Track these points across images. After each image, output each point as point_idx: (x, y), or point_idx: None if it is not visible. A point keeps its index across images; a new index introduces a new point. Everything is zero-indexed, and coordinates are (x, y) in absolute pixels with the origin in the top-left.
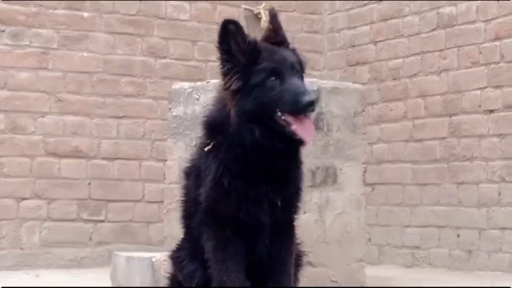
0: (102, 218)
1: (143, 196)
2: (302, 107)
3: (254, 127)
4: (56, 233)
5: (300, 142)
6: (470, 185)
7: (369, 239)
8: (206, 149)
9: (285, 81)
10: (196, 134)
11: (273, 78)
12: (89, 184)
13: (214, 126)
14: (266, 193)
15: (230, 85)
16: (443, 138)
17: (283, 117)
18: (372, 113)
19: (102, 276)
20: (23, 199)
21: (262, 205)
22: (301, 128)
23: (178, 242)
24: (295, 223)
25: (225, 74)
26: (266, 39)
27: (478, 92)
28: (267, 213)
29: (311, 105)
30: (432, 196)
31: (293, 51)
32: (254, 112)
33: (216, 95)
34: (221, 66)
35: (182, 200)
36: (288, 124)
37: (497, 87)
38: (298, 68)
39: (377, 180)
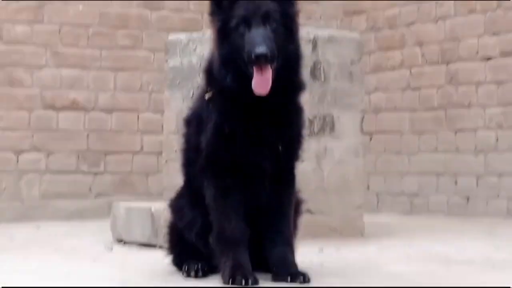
0: (101, 170)
1: (142, 147)
2: (252, 59)
3: (228, 72)
4: (55, 185)
5: (284, 90)
6: (467, 132)
7: (368, 187)
8: (206, 96)
9: (251, 31)
10: (193, 84)
11: (243, 25)
12: (87, 136)
13: (212, 73)
14: (267, 139)
15: (213, 27)
16: (440, 86)
17: (249, 66)
18: (369, 62)
19: (102, 227)
20: (22, 152)
21: (263, 152)
22: (256, 79)
23: (178, 190)
24: (295, 171)
25: (210, 15)
26: None
27: (475, 39)
28: (268, 160)
29: (259, 57)
30: (429, 143)
31: (277, 0)
32: (230, 57)
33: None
34: (208, 8)
35: (182, 149)
36: (251, 73)
37: (494, 34)
38: (276, 18)
39: (375, 128)
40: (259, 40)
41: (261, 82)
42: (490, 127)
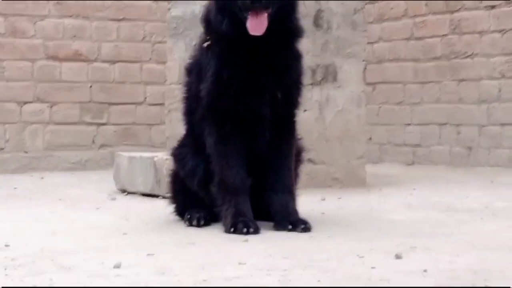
0: (104, 121)
1: (145, 98)
2: (247, 4)
3: (224, 18)
4: (59, 136)
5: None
6: (470, 82)
7: (370, 138)
8: (205, 44)
9: None
10: (196, 33)
11: None
12: (90, 87)
13: (210, 21)
14: (265, 85)
15: None
16: (444, 35)
17: (244, 12)
18: (373, 12)
19: (106, 177)
20: (25, 103)
21: (262, 98)
22: (251, 21)
23: (180, 139)
24: (295, 119)
25: None
26: None
27: None
28: (267, 106)
29: (254, 2)
30: (432, 93)
31: None
32: (226, 3)
33: None
34: None
35: (184, 97)
36: (246, 18)
37: None
38: None
39: (378, 79)
40: None
41: (256, 24)
42: (494, 77)
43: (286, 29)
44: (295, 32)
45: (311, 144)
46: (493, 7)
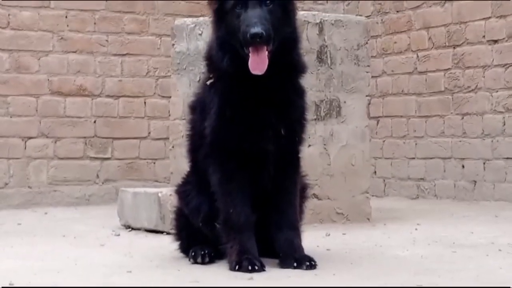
0: (108, 155)
1: (149, 133)
2: (247, 39)
3: (225, 55)
4: (63, 171)
5: (284, 70)
6: (474, 116)
7: (375, 172)
8: (208, 82)
9: (247, 11)
10: (199, 69)
11: (239, 6)
12: (94, 122)
13: (213, 58)
14: (269, 121)
15: (211, 9)
16: (447, 69)
17: (245, 47)
18: (376, 46)
19: (110, 212)
20: (30, 138)
21: (266, 134)
22: (252, 59)
23: (184, 176)
24: (300, 155)
25: None
26: None
27: (482, 22)
28: (271, 143)
29: (254, 37)
30: (436, 127)
31: None
32: (226, 39)
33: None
34: None
35: (188, 134)
36: (247, 54)
37: (501, 17)
38: None
39: (382, 113)
40: (254, 20)
41: (257, 62)
42: (497, 111)
43: (288, 65)
44: (298, 68)
45: (316, 179)
46: (495, 41)
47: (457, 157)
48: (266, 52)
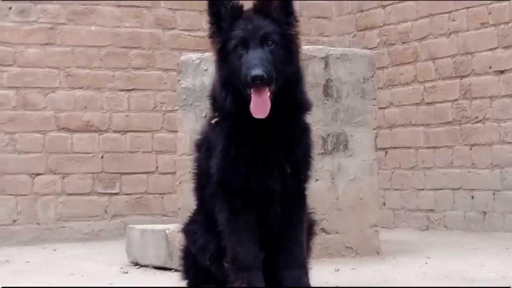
0: (116, 191)
1: (157, 167)
2: (248, 81)
3: (228, 95)
4: (71, 207)
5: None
6: (483, 147)
7: (384, 203)
8: (213, 121)
9: (248, 52)
10: (205, 105)
11: (241, 46)
12: (102, 157)
13: (216, 97)
14: (274, 160)
15: (213, 49)
16: (454, 100)
17: (247, 89)
18: (383, 78)
19: (118, 248)
20: (38, 174)
21: (272, 173)
22: (254, 102)
23: (191, 214)
24: (306, 192)
25: (210, 37)
26: (255, 7)
27: (489, 53)
28: (277, 181)
29: (255, 79)
30: (445, 158)
31: (276, 21)
32: (229, 79)
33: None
34: (208, 29)
35: (194, 173)
36: (249, 96)
37: (507, 47)
38: (275, 39)
39: (390, 144)
40: (256, 62)
41: (259, 105)
42: (506, 141)
43: (292, 104)
44: (302, 106)
45: (324, 213)
46: (502, 72)
47: (466, 188)
48: (268, 94)
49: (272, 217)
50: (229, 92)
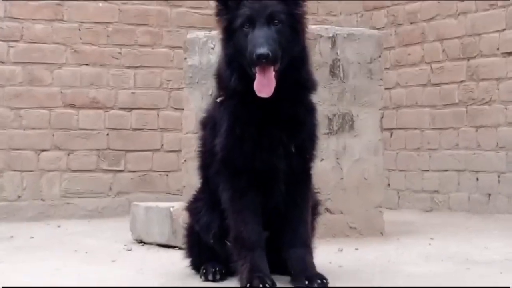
0: (121, 168)
1: (162, 145)
2: (253, 59)
3: (233, 73)
4: (76, 183)
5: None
6: (488, 129)
7: (388, 184)
8: (218, 100)
9: (254, 31)
10: (212, 83)
11: (247, 25)
12: (107, 134)
13: (222, 76)
14: (279, 139)
15: (219, 27)
16: (461, 81)
17: (252, 67)
18: (390, 58)
19: (122, 226)
20: (43, 150)
21: (276, 152)
22: (258, 81)
23: (195, 193)
24: (311, 171)
25: (216, 15)
26: None
27: (497, 34)
28: (281, 160)
29: (260, 58)
30: (450, 140)
31: (283, 1)
32: (234, 58)
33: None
34: (215, 7)
35: (199, 151)
36: (254, 75)
37: None
38: (281, 19)
39: (396, 125)
40: (261, 40)
41: (263, 84)
42: None
43: (297, 83)
44: (308, 86)
45: (329, 194)
46: (510, 53)
47: (471, 169)
48: (273, 73)
49: (277, 196)
50: (235, 70)
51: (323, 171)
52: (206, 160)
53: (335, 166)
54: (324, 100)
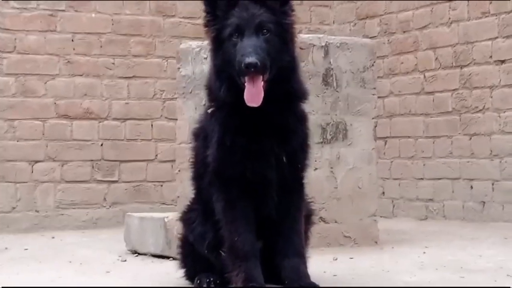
0: (115, 178)
1: (156, 155)
2: (242, 69)
3: (222, 84)
4: (70, 194)
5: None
6: (482, 137)
7: (383, 193)
8: (209, 111)
9: (243, 40)
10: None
11: (236, 34)
12: (101, 145)
13: (212, 87)
14: (270, 149)
15: (208, 37)
16: (454, 89)
17: (241, 77)
18: (383, 67)
19: (116, 236)
20: (37, 161)
21: (267, 162)
22: (248, 91)
23: (189, 203)
24: (304, 181)
25: (205, 26)
26: None
27: (489, 42)
28: (273, 170)
29: (249, 67)
30: (444, 148)
31: (272, 10)
32: (223, 68)
33: None
34: (204, 17)
35: (192, 162)
36: (243, 84)
37: (508, 37)
38: (270, 28)
39: (389, 133)
40: (250, 50)
41: (253, 94)
42: (505, 131)
43: (287, 92)
44: (298, 95)
45: (323, 203)
46: (502, 61)
47: (465, 178)
48: (262, 83)
49: (269, 206)
50: (224, 81)
51: (317, 180)
52: (199, 170)
53: (329, 175)
54: (317, 109)
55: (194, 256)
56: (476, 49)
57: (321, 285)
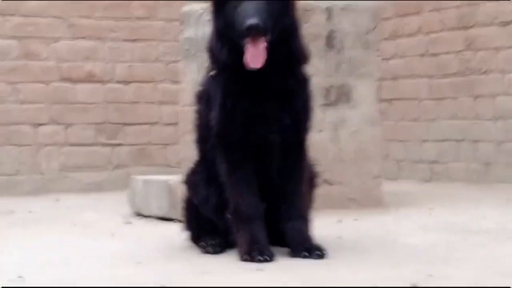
0: (119, 141)
1: (160, 118)
2: (243, 31)
3: (223, 46)
4: (74, 157)
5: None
6: (486, 98)
7: (387, 155)
8: (211, 73)
9: (244, 2)
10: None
11: None
12: (105, 108)
13: (213, 50)
14: (272, 112)
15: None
16: (458, 51)
17: (242, 39)
18: (387, 28)
19: (121, 199)
20: (40, 124)
21: (270, 125)
22: (249, 53)
23: (193, 165)
24: (306, 143)
25: None
26: None
27: (494, 4)
28: (275, 132)
29: (250, 28)
30: (448, 110)
31: None
32: (224, 30)
33: None
34: None
35: (195, 125)
36: (245, 47)
37: None
38: None
39: (394, 95)
40: (251, 12)
41: (254, 56)
42: (509, 93)
43: (288, 55)
44: (299, 57)
45: (327, 165)
46: (507, 23)
47: (469, 139)
48: (263, 45)
49: (272, 169)
50: (225, 43)
51: (321, 142)
52: (203, 133)
53: (333, 137)
54: (320, 72)
55: (198, 218)
56: (481, 11)
57: (325, 247)
